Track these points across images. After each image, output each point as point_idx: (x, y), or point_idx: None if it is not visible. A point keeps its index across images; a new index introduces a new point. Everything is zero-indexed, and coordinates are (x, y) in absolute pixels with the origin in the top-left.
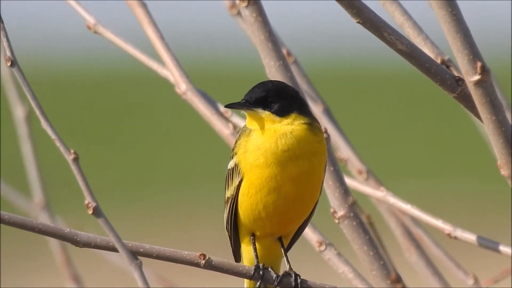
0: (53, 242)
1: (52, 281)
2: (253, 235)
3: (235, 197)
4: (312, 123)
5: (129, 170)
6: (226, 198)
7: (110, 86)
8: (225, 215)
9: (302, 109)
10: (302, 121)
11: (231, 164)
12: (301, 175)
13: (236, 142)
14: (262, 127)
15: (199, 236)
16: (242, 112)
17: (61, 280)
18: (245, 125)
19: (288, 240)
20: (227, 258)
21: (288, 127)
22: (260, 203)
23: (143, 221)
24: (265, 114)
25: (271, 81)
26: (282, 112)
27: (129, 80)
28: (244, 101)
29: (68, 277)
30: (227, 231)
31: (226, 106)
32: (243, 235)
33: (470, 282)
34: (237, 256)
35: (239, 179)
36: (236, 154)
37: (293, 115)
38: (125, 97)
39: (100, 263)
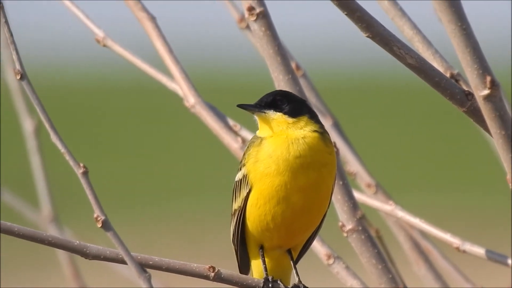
0: (62, 254)
1: None
2: (262, 247)
3: (243, 208)
4: (324, 133)
5: (137, 182)
6: (233, 210)
7: (119, 98)
8: (232, 228)
9: (313, 114)
10: (314, 128)
11: (239, 176)
12: (311, 185)
13: (244, 154)
14: (274, 132)
15: (208, 248)
16: (254, 117)
17: None
18: (254, 136)
19: (297, 252)
20: (235, 270)
21: (301, 133)
22: (268, 214)
23: (151, 232)
24: (277, 115)
25: (280, 90)
26: (294, 113)
27: (138, 93)
28: (255, 104)
29: None
30: (233, 244)
31: (239, 106)
32: (251, 247)
33: None
34: (243, 268)
35: (247, 190)
36: (244, 165)
37: (305, 118)
38: (134, 110)
39: (108, 275)
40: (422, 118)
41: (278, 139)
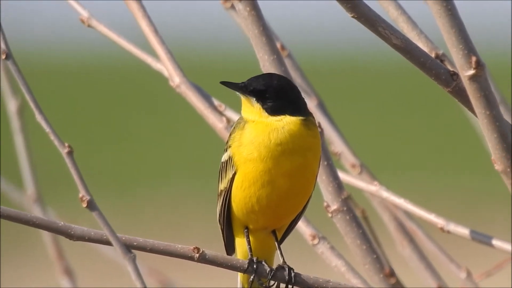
0: (46, 235)
1: (44, 274)
2: (247, 228)
3: (229, 190)
4: (307, 118)
5: (122, 162)
6: (219, 191)
7: (104, 78)
8: (218, 208)
9: (296, 108)
10: (294, 118)
11: (225, 157)
12: (295, 170)
13: (230, 135)
14: (254, 119)
15: (192, 229)
16: (238, 94)
17: (54, 273)
18: (240, 117)
19: (282, 233)
20: (220, 251)
21: (280, 123)
22: (253, 197)
23: (135, 213)
24: (257, 106)
25: (278, 77)
26: (273, 111)
27: (124, 73)
28: (242, 85)
29: (61, 270)
30: (220, 224)
31: (222, 83)
32: (236, 228)
33: (463, 275)
34: (229, 249)
35: (233, 172)
36: (230, 147)
37: (286, 117)
38: (119, 90)
39: (93, 257)
40: (407, 99)
41: (260, 126)
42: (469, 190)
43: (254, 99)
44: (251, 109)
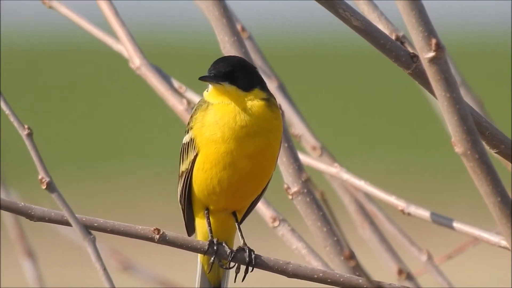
0: (7, 217)
1: (5, 256)
2: (207, 209)
3: (190, 171)
4: (270, 99)
5: (82, 143)
6: (181, 172)
7: (65, 59)
8: (179, 189)
9: (263, 84)
10: (261, 96)
11: (186, 139)
12: (257, 152)
13: (191, 117)
14: (223, 102)
15: (153, 209)
16: (208, 84)
17: (15, 254)
18: (201, 99)
19: (242, 214)
20: (181, 232)
21: (248, 103)
22: (214, 178)
23: (96, 193)
24: (232, 88)
25: (234, 56)
26: (246, 87)
27: (84, 55)
28: (213, 74)
29: (22, 251)
30: (181, 204)
31: (201, 79)
32: (197, 209)
33: (424, 258)
34: (190, 230)
35: (194, 154)
36: (191, 128)
37: (256, 90)
38: (79, 71)
39: (55, 238)
40: (367, 81)
41: (226, 108)
42: (430, 171)
43: (227, 82)
44: (225, 94)
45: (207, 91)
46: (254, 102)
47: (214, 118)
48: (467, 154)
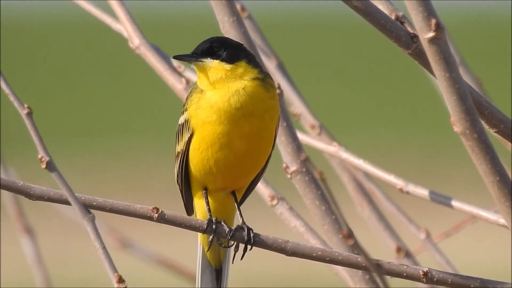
0: (6, 195)
1: (4, 233)
2: (206, 189)
3: (185, 152)
4: (265, 78)
5: (82, 122)
6: (177, 152)
7: (64, 38)
8: (176, 169)
9: (251, 58)
10: (254, 75)
11: (181, 120)
12: (253, 132)
13: (187, 98)
14: (213, 83)
15: (153, 188)
16: (192, 66)
17: (14, 232)
18: (197, 79)
19: (241, 194)
20: (183, 209)
21: (241, 83)
22: (211, 159)
23: (96, 171)
24: (215, 63)
25: (215, 36)
26: (231, 59)
27: (83, 33)
28: (191, 53)
29: (21, 229)
30: (178, 185)
31: (175, 57)
32: (195, 189)
33: (422, 236)
34: (189, 209)
35: (189, 135)
36: (187, 110)
37: (242, 63)
38: (78, 49)
39: (54, 215)
40: (367, 58)
41: (220, 91)
42: (430, 149)
43: (209, 58)
44: (209, 71)
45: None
46: (248, 82)
47: (209, 101)
48: (466, 133)
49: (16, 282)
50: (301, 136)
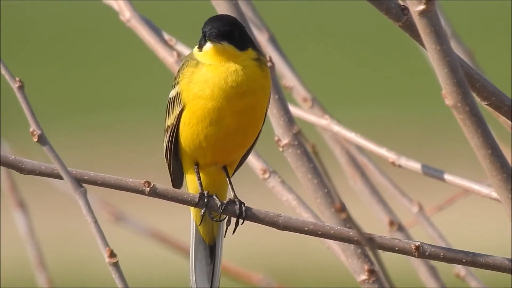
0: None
1: None
2: (197, 164)
3: (176, 126)
4: (260, 57)
5: (74, 95)
6: (166, 126)
7: (56, 11)
8: (165, 143)
9: (253, 43)
10: (253, 56)
11: (172, 93)
12: (245, 109)
13: (178, 72)
14: (219, 62)
15: (147, 164)
16: (209, 44)
17: (6, 206)
18: (189, 55)
19: (233, 168)
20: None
21: (240, 64)
22: (201, 134)
23: (89, 145)
24: (230, 47)
25: (227, 15)
26: (242, 47)
27: (75, 6)
28: (215, 33)
29: (13, 203)
30: (166, 159)
31: (209, 39)
32: (186, 164)
33: (415, 210)
34: (176, 184)
35: (180, 108)
36: (178, 83)
37: (249, 50)
38: (70, 23)
39: (47, 189)
40: (359, 31)
41: (219, 69)
42: (422, 122)
43: (226, 41)
44: (223, 54)
45: (198, 49)
46: (247, 63)
47: (205, 76)
48: (458, 107)
49: (9, 257)
50: (293, 109)
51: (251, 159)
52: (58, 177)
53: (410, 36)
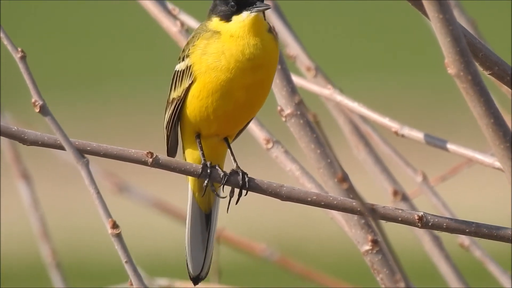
0: (2, 140)
1: (1, 178)
2: (199, 136)
3: (183, 99)
4: (270, 29)
5: (77, 66)
6: (171, 98)
7: None
8: (167, 115)
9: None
10: (267, 28)
11: (181, 66)
12: (256, 83)
13: (188, 44)
14: (247, 33)
15: (150, 134)
16: (251, 13)
17: (10, 177)
18: (202, 26)
19: (232, 138)
20: (178, 154)
21: (260, 36)
22: (210, 107)
23: (93, 116)
24: (261, 17)
25: None
26: (264, 17)
27: None
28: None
29: (17, 174)
30: (167, 130)
31: (259, 10)
32: (187, 135)
33: (419, 179)
34: (171, 154)
35: (190, 82)
36: (188, 56)
37: (266, 22)
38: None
39: (51, 160)
40: (365, 3)
41: (238, 40)
42: (427, 91)
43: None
44: (259, 22)
45: (223, 19)
46: (265, 36)
47: (221, 48)
48: (460, 76)
49: (13, 229)
50: (296, 79)
51: (254, 128)
52: (61, 148)
53: (413, 5)
